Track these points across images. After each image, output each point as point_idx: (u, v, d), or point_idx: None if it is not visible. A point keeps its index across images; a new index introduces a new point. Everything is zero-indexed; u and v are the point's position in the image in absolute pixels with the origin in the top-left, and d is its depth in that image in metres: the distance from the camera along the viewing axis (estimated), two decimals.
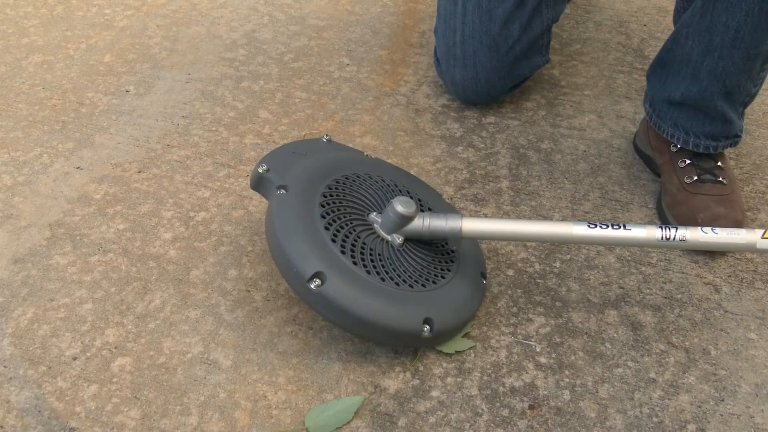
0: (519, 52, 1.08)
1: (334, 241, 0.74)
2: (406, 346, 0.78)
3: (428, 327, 0.73)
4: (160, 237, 0.92)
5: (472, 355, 0.78)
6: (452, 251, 0.82)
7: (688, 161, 0.94)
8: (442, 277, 0.78)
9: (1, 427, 0.70)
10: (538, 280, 0.87)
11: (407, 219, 0.77)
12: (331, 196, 0.79)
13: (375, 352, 0.78)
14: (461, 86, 1.12)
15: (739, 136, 0.94)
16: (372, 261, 0.75)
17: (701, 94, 0.89)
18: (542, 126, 1.14)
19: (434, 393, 0.75)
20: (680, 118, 0.94)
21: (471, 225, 0.78)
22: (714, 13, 0.83)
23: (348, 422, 0.71)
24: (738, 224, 0.87)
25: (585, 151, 1.09)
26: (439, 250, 0.82)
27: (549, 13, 1.09)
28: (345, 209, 0.78)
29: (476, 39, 1.05)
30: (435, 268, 0.79)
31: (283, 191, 0.77)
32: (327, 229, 0.75)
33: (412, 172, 1.01)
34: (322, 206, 0.77)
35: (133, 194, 0.99)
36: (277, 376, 0.76)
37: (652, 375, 0.77)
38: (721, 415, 0.73)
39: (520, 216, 0.97)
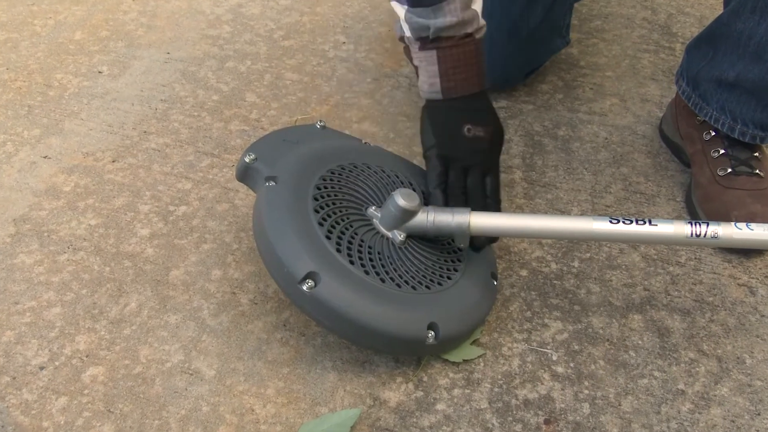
0: (539, 35, 1.07)
1: (329, 238, 0.74)
2: (409, 354, 0.78)
3: (433, 333, 0.73)
4: (137, 233, 0.92)
5: (482, 364, 0.78)
6: (459, 249, 0.82)
7: (722, 151, 0.94)
8: (449, 278, 0.78)
9: None
10: (555, 282, 0.87)
11: (410, 213, 0.77)
12: (325, 188, 0.79)
13: (374, 361, 0.78)
14: None
15: None
16: (371, 260, 0.75)
17: (761, 76, 0.87)
18: (559, 111, 1.14)
19: (439, 406, 0.75)
20: (729, 101, 0.92)
21: (480, 220, 0.78)
22: None
23: None
24: None
25: (606, 138, 1.09)
26: (445, 249, 0.82)
27: None
28: (341, 203, 0.78)
29: (494, 21, 1.02)
30: (440, 268, 0.79)
31: (272, 183, 0.77)
32: (321, 224, 0.75)
33: (414, 162, 1.01)
34: (316, 200, 0.77)
35: (106, 186, 0.99)
36: (265, 387, 0.76)
37: (681, 386, 0.77)
38: (757, 431, 0.73)
39: (534, 210, 0.97)
